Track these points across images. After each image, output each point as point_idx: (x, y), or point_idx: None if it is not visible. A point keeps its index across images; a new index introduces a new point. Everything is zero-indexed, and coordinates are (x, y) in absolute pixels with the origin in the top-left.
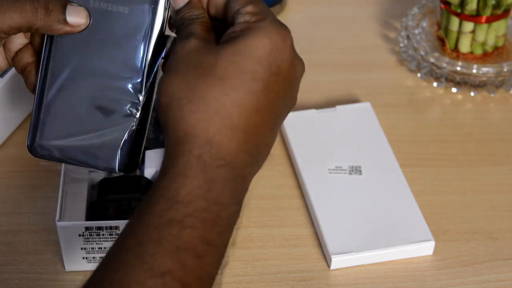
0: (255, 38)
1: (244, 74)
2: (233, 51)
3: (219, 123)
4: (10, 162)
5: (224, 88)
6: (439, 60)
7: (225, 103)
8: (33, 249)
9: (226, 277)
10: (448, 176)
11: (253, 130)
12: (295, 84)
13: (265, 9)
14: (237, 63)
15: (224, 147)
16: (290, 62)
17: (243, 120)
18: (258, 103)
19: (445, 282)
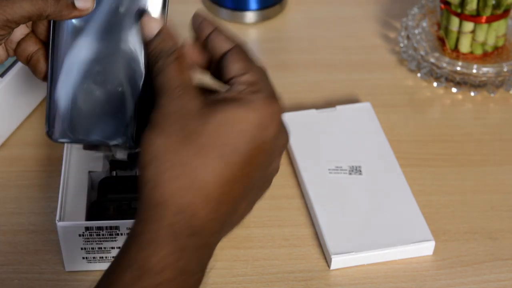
0: (243, 111)
1: (226, 146)
2: (220, 121)
3: (193, 193)
4: (10, 162)
5: (205, 158)
6: (439, 60)
7: (202, 173)
8: (33, 249)
9: (226, 277)
10: (448, 176)
11: (226, 200)
12: (277, 156)
13: (262, 80)
14: (220, 135)
15: (196, 216)
16: (275, 137)
17: (218, 190)
18: (235, 175)
19: (445, 282)
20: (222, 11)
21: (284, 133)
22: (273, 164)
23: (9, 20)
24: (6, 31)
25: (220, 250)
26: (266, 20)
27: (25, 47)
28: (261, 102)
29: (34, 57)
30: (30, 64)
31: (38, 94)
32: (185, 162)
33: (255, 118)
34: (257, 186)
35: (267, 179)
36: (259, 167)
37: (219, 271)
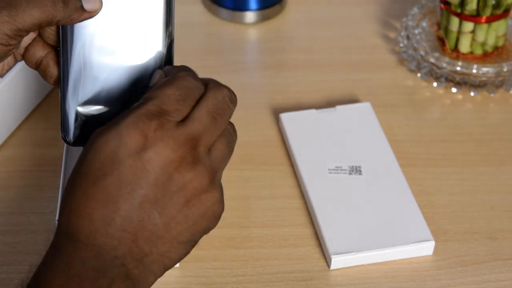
0: (112, 132)
1: (97, 171)
2: (94, 148)
3: (75, 216)
4: (10, 162)
5: (83, 187)
6: (439, 60)
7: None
8: (34, 249)
9: (226, 277)
10: (448, 176)
11: (112, 217)
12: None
13: (151, 99)
14: (93, 161)
15: (80, 233)
16: (152, 153)
17: (99, 210)
18: (111, 195)
19: (445, 282)
20: (222, 11)
21: (170, 148)
22: (184, 178)
23: (20, 29)
24: (17, 40)
25: (220, 250)
26: (266, 20)
27: (33, 52)
28: (129, 120)
29: (44, 62)
30: (40, 69)
31: (38, 94)
32: (70, 194)
33: (122, 138)
34: (168, 205)
35: (188, 198)
36: (149, 184)
37: (219, 271)
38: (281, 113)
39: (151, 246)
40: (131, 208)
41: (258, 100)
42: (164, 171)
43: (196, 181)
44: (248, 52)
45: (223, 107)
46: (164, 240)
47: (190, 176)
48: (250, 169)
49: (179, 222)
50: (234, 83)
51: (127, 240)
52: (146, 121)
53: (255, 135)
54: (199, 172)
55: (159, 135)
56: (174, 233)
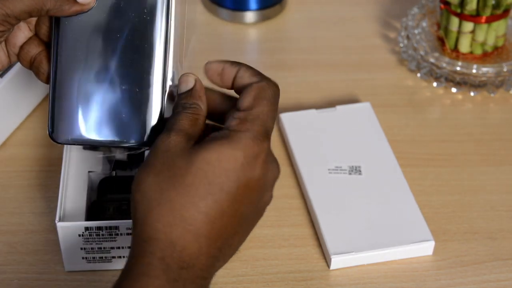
0: (228, 150)
1: (211, 185)
2: (205, 160)
3: (182, 228)
4: (10, 162)
5: (191, 197)
6: (439, 60)
7: (190, 210)
8: (33, 249)
9: (226, 277)
10: (448, 176)
11: (216, 235)
12: (266, 191)
13: (255, 117)
14: (206, 173)
15: (186, 250)
16: (261, 174)
17: (207, 226)
18: (223, 211)
19: (445, 282)
20: (222, 11)
21: (272, 169)
22: (264, 197)
23: (9, 14)
24: (5, 26)
25: None
26: (266, 20)
27: (28, 50)
28: (246, 141)
29: (37, 59)
30: (33, 66)
31: (38, 94)
32: (172, 199)
33: (239, 157)
34: (248, 220)
35: (258, 211)
36: (248, 203)
37: (219, 271)
38: (281, 113)
39: (224, 261)
40: (231, 225)
41: None
42: (261, 193)
43: (269, 201)
44: (248, 52)
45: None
46: (231, 254)
47: (268, 197)
48: None
49: (245, 236)
50: None
51: (214, 259)
52: (260, 143)
53: None
54: (271, 192)
55: (269, 159)
56: (238, 246)
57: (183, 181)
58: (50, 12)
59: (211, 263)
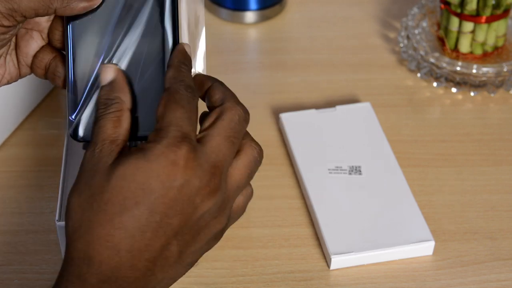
0: (143, 162)
1: (126, 200)
2: (120, 176)
3: (100, 245)
4: (10, 162)
5: (108, 214)
6: (439, 60)
7: (107, 228)
8: (33, 249)
9: (226, 277)
10: (448, 176)
11: (140, 248)
12: (199, 198)
13: (167, 124)
14: (121, 189)
15: (105, 265)
16: (182, 182)
17: (126, 241)
18: (142, 225)
19: (445, 282)
20: (222, 11)
21: (201, 174)
22: (204, 205)
23: (15, 9)
24: (11, 22)
25: (220, 250)
26: (266, 20)
27: (42, 57)
28: (160, 151)
29: (52, 64)
30: (49, 72)
31: (38, 94)
32: (91, 219)
33: (155, 168)
34: (188, 230)
35: (202, 220)
36: (177, 213)
37: (219, 271)
38: (281, 113)
39: (164, 272)
40: (155, 236)
41: (258, 100)
42: (189, 201)
43: (213, 208)
44: (248, 52)
45: (239, 130)
46: (175, 265)
47: (210, 205)
48: None
49: (190, 246)
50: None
51: (145, 269)
52: (176, 150)
53: (255, 135)
54: (217, 200)
55: (190, 165)
56: (184, 257)
57: (100, 200)
58: (58, 11)
59: (141, 275)
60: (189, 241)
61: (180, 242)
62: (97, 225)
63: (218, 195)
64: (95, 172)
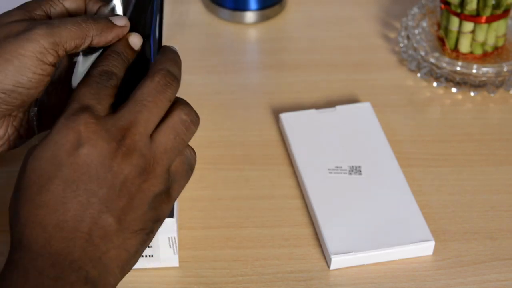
0: (47, 139)
1: (41, 178)
2: (34, 157)
3: (27, 227)
4: (10, 162)
5: (28, 195)
6: (439, 60)
7: (30, 208)
8: None
9: (225, 277)
10: (448, 176)
11: (65, 219)
12: (113, 161)
13: (71, 101)
14: (35, 169)
15: (35, 244)
16: (89, 147)
17: (50, 216)
18: (60, 197)
19: (445, 282)
20: (222, 11)
21: (104, 139)
22: (124, 169)
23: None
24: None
25: (220, 250)
26: (266, 20)
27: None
28: (59, 123)
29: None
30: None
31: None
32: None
33: (56, 140)
34: (115, 199)
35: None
36: (93, 179)
37: (219, 271)
38: (281, 113)
39: (107, 242)
40: (80, 206)
41: (258, 100)
42: (103, 164)
43: (134, 170)
44: (248, 52)
45: (156, 94)
46: (117, 233)
47: (128, 166)
48: (250, 169)
49: (127, 213)
50: (234, 83)
51: (82, 241)
52: (74, 118)
53: (255, 135)
54: (136, 161)
55: (91, 128)
56: (125, 224)
57: (21, 185)
58: (94, 40)
59: (78, 246)
60: (124, 207)
61: (113, 210)
62: (21, 208)
63: (136, 156)
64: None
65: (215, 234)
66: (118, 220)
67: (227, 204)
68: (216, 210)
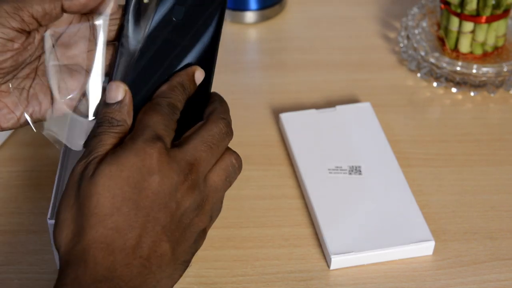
0: (123, 158)
1: (115, 198)
2: (106, 175)
3: (94, 248)
4: (10, 162)
5: (99, 216)
6: (439, 60)
7: (99, 230)
8: (33, 249)
9: (226, 277)
10: (448, 176)
11: (131, 245)
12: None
13: (145, 127)
14: (109, 188)
15: (99, 265)
16: (161, 176)
17: (119, 240)
18: (131, 221)
19: (445, 282)
20: None
21: (174, 171)
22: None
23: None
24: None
25: (220, 250)
26: (266, 20)
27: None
28: (136, 146)
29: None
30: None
31: None
32: (82, 225)
33: (133, 162)
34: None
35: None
36: (161, 208)
37: (219, 271)
38: (281, 113)
39: (161, 271)
40: (146, 233)
41: (258, 100)
42: (171, 194)
43: (193, 205)
44: (248, 52)
45: (218, 139)
46: (170, 263)
47: (189, 199)
48: (250, 169)
49: (180, 244)
50: (234, 83)
51: (141, 268)
52: (152, 145)
53: (255, 135)
54: (195, 196)
55: (164, 159)
56: (177, 254)
57: (90, 204)
58: (65, 4)
59: (138, 273)
60: (178, 238)
61: (171, 239)
62: (90, 229)
63: (197, 192)
64: (81, 180)
65: (215, 234)
66: (173, 250)
67: (227, 204)
68: None
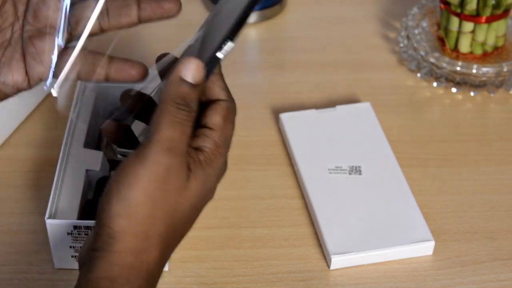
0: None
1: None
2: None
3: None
4: (10, 162)
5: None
6: (439, 60)
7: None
8: (33, 249)
9: (226, 277)
10: (448, 176)
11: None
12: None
13: (225, 141)
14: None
15: None
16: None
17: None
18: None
19: (445, 282)
20: None
21: None
22: None
23: None
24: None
25: (220, 250)
26: (266, 20)
27: None
28: (221, 165)
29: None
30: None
31: (38, 94)
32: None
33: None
34: None
35: None
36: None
37: (219, 271)
38: (281, 113)
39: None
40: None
41: (258, 100)
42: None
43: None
44: (248, 52)
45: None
46: None
47: None
48: (250, 169)
49: None
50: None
51: None
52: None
53: (255, 135)
54: None
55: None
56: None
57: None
58: None
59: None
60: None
61: None
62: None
63: None
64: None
65: (215, 234)
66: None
67: (227, 204)
68: (216, 210)
